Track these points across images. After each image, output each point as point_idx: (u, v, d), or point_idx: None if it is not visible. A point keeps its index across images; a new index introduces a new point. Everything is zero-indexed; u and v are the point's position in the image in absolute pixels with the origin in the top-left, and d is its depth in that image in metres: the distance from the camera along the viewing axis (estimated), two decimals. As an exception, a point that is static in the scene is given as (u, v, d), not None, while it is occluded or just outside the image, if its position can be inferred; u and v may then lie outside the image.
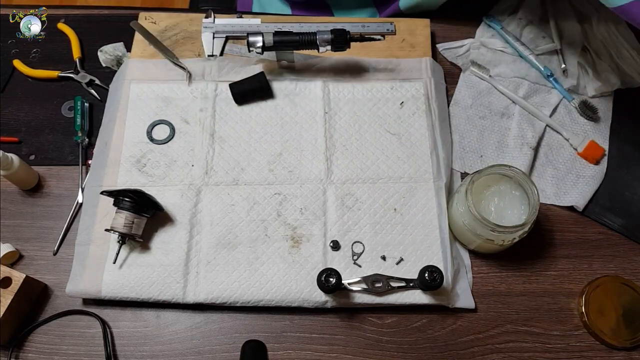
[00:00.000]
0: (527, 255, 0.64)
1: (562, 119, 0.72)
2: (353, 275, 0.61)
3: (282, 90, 0.72)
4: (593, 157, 0.69)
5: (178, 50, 0.75)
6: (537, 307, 0.62)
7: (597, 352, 0.60)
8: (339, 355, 0.59)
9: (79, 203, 0.66)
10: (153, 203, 0.61)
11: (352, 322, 0.61)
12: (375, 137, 0.69)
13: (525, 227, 0.57)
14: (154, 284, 0.60)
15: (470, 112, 0.72)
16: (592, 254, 0.65)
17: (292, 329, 0.60)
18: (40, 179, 0.68)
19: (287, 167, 0.67)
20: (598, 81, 0.74)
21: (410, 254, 0.63)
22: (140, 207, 0.60)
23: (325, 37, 0.67)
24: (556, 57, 0.76)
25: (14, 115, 0.72)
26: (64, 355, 0.59)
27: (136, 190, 0.60)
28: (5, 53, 0.76)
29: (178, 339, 0.60)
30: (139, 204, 0.60)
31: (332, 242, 0.63)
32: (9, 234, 0.64)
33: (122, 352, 0.59)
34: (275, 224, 0.64)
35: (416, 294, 0.60)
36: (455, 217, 0.62)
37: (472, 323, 0.61)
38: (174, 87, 0.72)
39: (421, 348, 0.59)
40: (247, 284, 0.61)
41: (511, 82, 0.75)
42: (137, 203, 0.60)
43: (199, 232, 0.63)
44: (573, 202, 0.67)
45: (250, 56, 0.73)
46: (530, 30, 0.78)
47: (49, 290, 0.62)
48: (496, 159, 0.69)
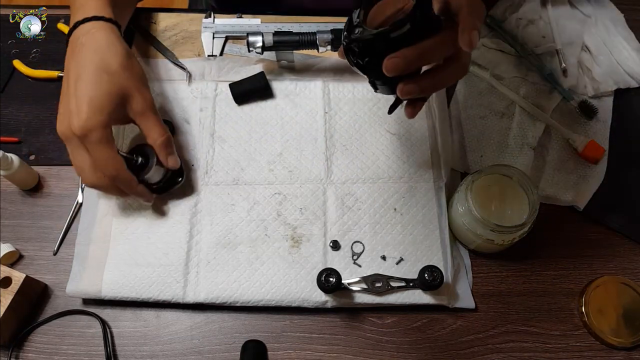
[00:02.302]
0: (527, 255, 0.64)
1: (562, 119, 0.72)
2: (353, 275, 0.61)
3: (282, 90, 0.72)
4: (593, 157, 0.69)
5: (178, 50, 0.75)
6: (537, 307, 0.62)
7: (597, 352, 0.60)
8: (339, 355, 0.59)
9: (79, 203, 0.66)
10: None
11: (352, 322, 0.61)
12: (375, 137, 0.69)
13: (525, 227, 0.57)
14: (154, 284, 0.60)
15: (470, 112, 0.72)
16: (592, 254, 0.65)
17: (292, 329, 0.60)
18: (40, 179, 0.68)
19: (287, 167, 0.67)
20: (598, 81, 0.74)
21: (410, 254, 0.63)
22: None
23: (325, 37, 0.67)
24: (556, 57, 0.76)
25: (14, 115, 0.72)
26: (64, 355, 0.59)
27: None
28: (5, 53, 0.76)
29: (178, 339, 0.60)
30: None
31: (332, 242, 0.63)
32: (9, 234, 0.64)
33: (122, 352, 0.59)
34: (275, 224, 0.64)
35: (416, 294, 0.60)
36: (455, 217, 0.62)
37: (472, 323, 0.61)
38: (174, 87, 0.72)
39: (421, 348, 0.60)
40: (247, 284, 0.61)
41: (511, 82, 0.75)
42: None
43: (199, 232, 0.63)
44: (573, 202, 0.67)
45: (250, 56, 0.73)
46: (530, 30, 0.78)
47: (49, 290, 0.62)
48: (496, 159, 0.69)
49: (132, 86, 0.57)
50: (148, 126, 0.58)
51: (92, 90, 0.54)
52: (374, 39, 0.45)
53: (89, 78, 0.55)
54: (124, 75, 0.56)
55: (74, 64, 0.56)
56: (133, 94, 0.57)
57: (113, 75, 0.55)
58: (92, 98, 0.54)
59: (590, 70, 0.75)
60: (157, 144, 0.59)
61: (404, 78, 0.47)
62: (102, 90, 0.54)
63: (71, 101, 0.54)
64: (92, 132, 0.53)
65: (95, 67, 0.55)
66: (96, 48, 0.56)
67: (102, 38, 0.57)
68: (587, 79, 0.75)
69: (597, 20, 0.78)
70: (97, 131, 0.53)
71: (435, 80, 0.49)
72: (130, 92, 0.56)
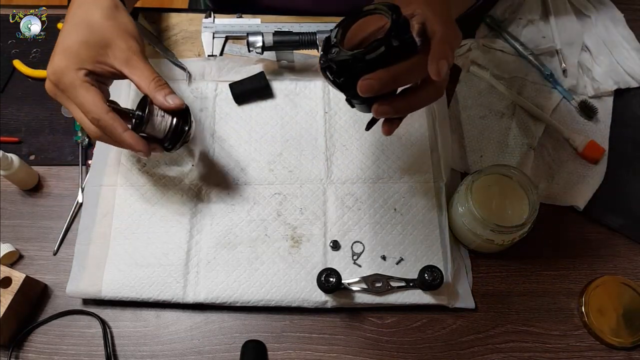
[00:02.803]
0: (527, 255, 0.64)
1: (562, 119, 0.72)
2: (353, 275, 0.61)
3: (282, 90, 0.72)
4: (593, 157, 0.69)
5: (178, 50, 0.75)
6: (537, 307, 0.62)
7: (597, 352, 0.60)
8: (339, 355, 0.59)
9: (79, 203, 0.66)
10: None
11: (352, 322, 0.61)
12: (375, 137, 0.69)
13: (525, 227, 0.57)
14: (154, 284, 0.60)
15: (470, 112, 0.72)
16: (592, 254, 0.65)
17: (292, 329, 0.60)
18: (40, 179, 0.68)
19: (287, 167, 0.67)
20: (598, 81, 0.74)
21: (410, 254, 0.63)
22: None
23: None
24: (556, 57, 0.76)
25: (14, 115, 0.72)
26: (64, 355, 0.59)
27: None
28: (5, 53, 0.76)
29: (178, 339, 0.60)
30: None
31: (332, 242, 0.63)
32: (9, 234, 0.64)
33: (122, 352, 0.59)
34: (275, 224, 0.64)
35: (416, 294, 0.60)
36: (455, 217, 0.62)
37: (472, 323, 0.61)
38: (174, 87, 0.71)
39: (421, 348, 0.60)
40: (247, 284, 0.61)
41: (511, 82, 0.75)
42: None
43: (199, 232, 0.63)
44: (573, 202, 0.67)
45: (250, 56, 0.73)
46: (530, 30, 0.78)
47: (49, 290, 0.62)
48: (496, 159, 0.69)
49: (114, 36, 0.54)
50: (136, 73, 0.55)
51: (67, 39, 0.54)
52: (349, 60, 0.45)
53: (68, 29, 0.54)
54: (105, 25, 0.54)
55: (64, 23, 0.56)
56: (115, 43, 0.54)
57: (93, 26, 0.54)
58: (66, 46, 0.53)
59: (590, 70, 0.75)
60: (151, 88, 0.54)
61: (379, 98, 0.47)
62: (77, 38, 0.53)
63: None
64: (64, 75, 0.52)
65: (77, 19, 0.55)
66: (81, 3, 0.56)
67: None
68: (587, 79, 0.75)
69: (597, 20, 0.78)
70: (69, 73, 0.52)
71: (410, 102, 0.49)
72: (112, 41, 0.54)
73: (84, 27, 0.54)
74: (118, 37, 0.55)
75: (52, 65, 0.53)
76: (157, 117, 0.56)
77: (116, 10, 0.56)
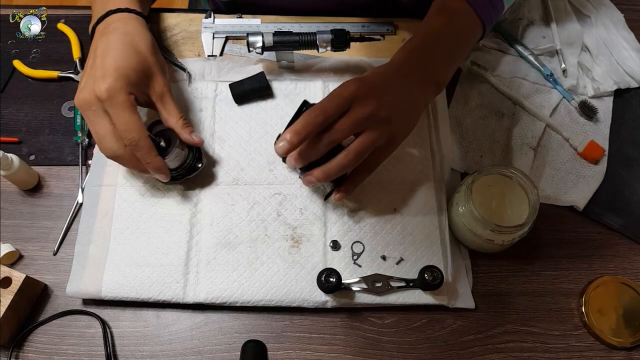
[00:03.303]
0: (527, 255, 0.64)
1: (562, 119, 0.72)
2: (353, 275, 0.61)
3: (282, 90, 0.72)
4: (593, 157, 0.69)
5: (178, 50, 0.75)
6: (537, 307, 0.62)
7: (597, 352, 0.60)
8: (339, 355, 0.59)
9: (79, 203, 0.66)
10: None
11: (352, 322, 0.61)
12: (375, 137, 0.69)
13: (525, 227, 0.57)
14: (154, 284, 0.60)
15: (470, 112, 0.72)
16: (592, 254, 0.65)
17: (292, 329, 0.60)
18: (40, 179, 0.68)
19: (287, 167, 0.67)
20: (598, 81, 0.74)
21: (410, 254, 0.63)
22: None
23: (325, 37, 0.67)
24: (556, 57, 0.76)
25: (14, 115, 0.72)
26: (64, 355, 0.59)
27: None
28: (5, 53, 0.76)
29: (178, 339, 0.60)
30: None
31: (332, 242, 0.63)
32: (9, 234, 0.64)
33: (122, 352, 0.59)
34: (275, 224, 0.64)
35: (416, 294, 0.60)
36: (455, 217, 0.62)
37: (472, 323, 0.61)
38: (174, 87, 0.72)
39: (421, 348, 0.60)
40: (247, 284, 0.61)
41: (511, 82, 0.75)
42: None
43: (199, 232, 0.63)
44: (573, 202, 0.67)
45: (250, 56, 0.73)
46: (530, 30, 0.78)
47: (49, 290, 0.62)
48: (496, 159, 0.69)
49: (156, 70, 0.61)
50: (167, 109, 0.61)
51: (120, 60, 0.57)
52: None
53: (119, 51, 0.58)
54: (150, 59, 0.60)
55: (103, 41, 0.59)
56: (155, 77, 0.60)
57: (141, 54, 0.59)
58: (120, 67, 0.57)
59: (590, 70, 0.75)
60: (179, 125, 0.61)
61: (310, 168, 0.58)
62: (129, 63, 0.58)
63: (97, 71, 0.57)
64: (117, 94, 0.55)
65: (126, 45, 0.59)
66: (127, 31, 0.60)
67: (133, 25, 0.62)
68: (587, 79, 0.75)
69: (597, 20, 0.78)
70: (122, 94, 0.56)
71: (326, 169, 0.57)
72: (154, 75, 0.60)
73: (134, 55, 0.59)
74: (158, 72, 0.61)
75: (106, 83, 0.55)
76: (178, 150, 0.61)
77: (155, 47, 0.63)
